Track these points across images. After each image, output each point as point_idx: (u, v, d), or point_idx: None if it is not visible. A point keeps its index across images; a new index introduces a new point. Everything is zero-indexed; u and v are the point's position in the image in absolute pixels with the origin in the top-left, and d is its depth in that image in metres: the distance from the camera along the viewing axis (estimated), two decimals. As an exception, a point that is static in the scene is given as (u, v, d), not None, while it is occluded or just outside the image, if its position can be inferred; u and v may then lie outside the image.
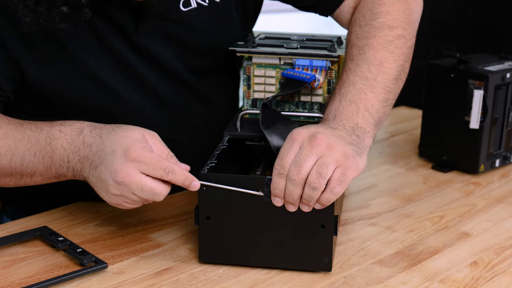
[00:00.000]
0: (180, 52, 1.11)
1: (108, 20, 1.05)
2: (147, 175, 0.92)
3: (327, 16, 1.21)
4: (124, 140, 0.94)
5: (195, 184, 0.94)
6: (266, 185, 0.94)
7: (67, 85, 1.06)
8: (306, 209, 0.94)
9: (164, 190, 0.94)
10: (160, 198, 0.94)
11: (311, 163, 0.92)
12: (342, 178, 0.92)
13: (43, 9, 0.91)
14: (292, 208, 0.94)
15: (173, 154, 0.96)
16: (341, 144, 0.94)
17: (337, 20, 1.21)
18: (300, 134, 0.94)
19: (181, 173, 0.93)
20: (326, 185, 0.91)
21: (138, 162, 0.92)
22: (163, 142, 0.97)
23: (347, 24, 1.18)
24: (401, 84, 1.09)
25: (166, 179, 0.93)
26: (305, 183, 0.92)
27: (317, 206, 0.93)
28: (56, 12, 0.91)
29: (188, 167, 0.96)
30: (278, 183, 0.93)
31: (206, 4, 1.10)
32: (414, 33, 1.14)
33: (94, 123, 0.99)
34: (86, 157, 0.96)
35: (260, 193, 0.94)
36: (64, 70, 1.05)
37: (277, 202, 0.94)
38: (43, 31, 0.95)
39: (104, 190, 0.95)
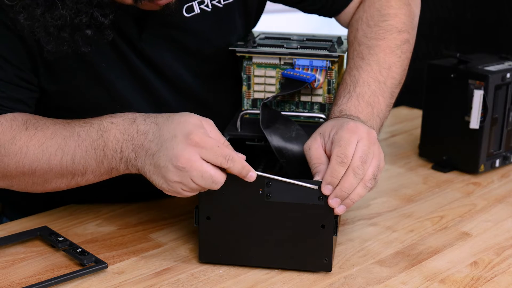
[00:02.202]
0: (183, 57, 1.11)
1: (117, 28, 1.04)
2: (207, 162, 0.91)
3: (331, 17, 1.22)
4: (185, 125, 0.92)
5: (251, 174, 0.93)
6: (266, 185, 0.94)
7: (77, 88, 1.05)
8: (342, 210, 0.94)
9: (222, 178, 0.92)
10: (218, 186, 0.92)
11: (373, 161, 0.95)
12: (376, 174, 0.96)
13: (67, 35, 0.89)
14: (335, 204, 0.94)
15: (229, 143, 0.95)
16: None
17: (338, 20, 1.22)
18: (358, 127, 0.96)
19: (240, 162, 0.92)
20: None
21: (200, 147, 0.90)
22: (219, 130, 0.96)
23: (348, 23, 1.19)
24: (398, 90, 1.13)
25: (225, 166, 0.91)
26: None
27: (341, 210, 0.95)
28: (80, 36, 0.90)
29: (244, 157, 0.94)
30: (338, 172, 0.93)
31: (209, 10, 1.10)
32: (415, 37, 1.17)
33: (145, 113, 0.97)
34: (141, 145, 0.94)
35: (315, 187, 0.93)
36: (74, 73, 1.04)
37: (328, 190, 0.93)
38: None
39: (163, 177, 0.92)
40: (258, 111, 1.08)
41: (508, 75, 1.30)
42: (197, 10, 1.09)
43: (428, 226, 1.13)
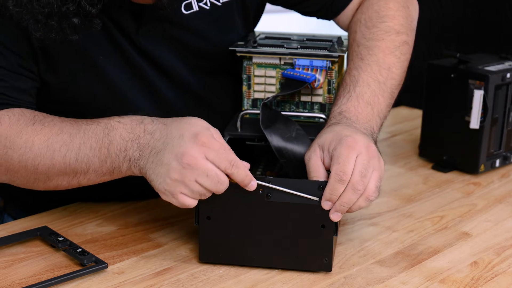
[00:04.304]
0: (181, 54, 1.11)
1: (114, 21, 1.05)
2: (214, 163, 0.91)
3: (330, 19, 1.22)
4: (193, 126, 0.92)
5: (253, 184, 0.93)
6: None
7: (74, 80, 1.06)
8: (336, 217, 0.95)
9: (227, 181, 0.92)
10: (223, 187, 0.91)
11: (373, 174, 0.95)
12: (379, 186, 0.97)
13: (54, 22, 0.90)
14: (337, 218, 0.94)
15: (234, 152, 0.94)
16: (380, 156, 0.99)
17: (337, 22, 1.22)
18: (357, 142, 0.95)
19: (244, 169, 0.92)
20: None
21: (207, 147, 0.90)
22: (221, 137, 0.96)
23: (347, 26, 1.19)
24: (398, 91, 1.13)
25: (229, 172, 0.91)
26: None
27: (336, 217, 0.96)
28: (67, 24, 0.91)
29: (248, 165, 0.94)
30: (337, 189, 0.93)
31: (207, 8, 1.10)
32: (413, 39, 1.18)
33: (154, 117, 0.97)
34: (147, 144, 0.94)
35: (316, 199, 0.94)
36: (72, 65, 1.05)
37: (327, 205, 0.94)
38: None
39: (163, 176, 0.91)
40: (258, 111, 1.08)
41: (508, 75, 1.30)
42: (195, 7, 1.09)
43: (428, 226, 1.13)
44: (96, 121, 0.98)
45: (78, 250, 0.99)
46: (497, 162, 1.35)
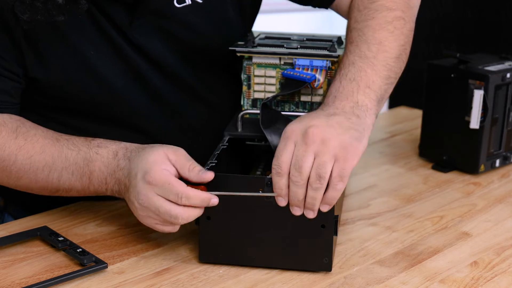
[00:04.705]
0: (175, 48, 1.11)
1: (106, 15, 1.05)
2: (165, 198, 0.93)
3: (326, 8, 1.20)
4: (145, 164, 0.95)
5: (213, 201, 0.94)
6: (266, 185, 0.94)
7: (66, 76, 1.06)
8: (311, 215, 0.93)
9: (182, 212, 0.93)
10: (179, 220, 0.94)
11: (310, 163, 0.92)
12: (342, 173, 0.91)
13: (40, 3, 0.91)
14: (298, 212, 0.94)
15: (196, 165, 0.95)
16: (337, 133, 0.93)
17: (336, 10, 1.19)
18: (293, 131, 0.94)
19: (197, 197, 0.93)
20: (328, 183, 0.91)
21: (153, 185, 0.93)
22: (187, 156, 0.97)
23: (346, 14, 1.16)
24: (402, 65, 1.08)
25: (180, 203, 0.93)
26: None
27: (324, 208, 0.93)
28: (52, 5, 0.91)
29: (211, 176, 0.94)
30: (277, 182, 0.93)
31: (200, 1, 1.10)
32: (413, 17, 1.13)
33: (129, 144, 1.01)
34: (120, 179, 0.98)
35: (274, 194, 0.93)
36: (63, 61, 1.05)
37: (281, 201, 0.94)
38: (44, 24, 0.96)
39: (135, 212, 0.97)
40: (258, 111, 1.08)
41: (508, 75, 1.30)
42: (188, 1, 1.09)
43: (428, 226, 1.13)
44: (77, 146, 1.01)
45: (78, 250, 0.99)
46: (497, 162, 1.35)
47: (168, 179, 0.93)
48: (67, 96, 1.08)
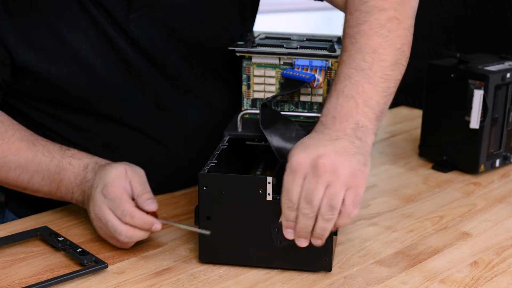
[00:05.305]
0: (172, 42, 1.10)
1: (100, 6, 1.04)
2: (114, 213, 0.98)
3: (322, 0, 1.17)
4: (107, 178, 0.99)
5: (156, 227, 0.99)
6: (273, 228, 0.94)
7: (56, 70, 1.06)
8: (319, 243, 0.92)
9: (126, 230, 0.98)
10: (122, 237, 0.98)
11: (321, 195, 0.89)
12: (356, 200, 0.90)
13: None
14: (304, 243, 0.92)
15: (148, 192, 1.00)
16: (346, 161, 0.90)
17: (331, 2, 1.14)
18: (300, 163, 0.90)
19: (140, 219, 0.98)
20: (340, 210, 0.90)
21: (108, 199, 0.98)
22: (145, 179, 1.02)
23: (343, 7, 1.10)
24: (402, 70, 1.02)
25: (124, 221, 0.98)
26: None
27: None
28: None
29: (154, 208, 0.99)
30: (289, 216, 0.91)
31: None
32: (409, 13, 1.06)
33: (100, 159, 1.05)
34: (85, 191, 1.03)
35: (207, 232, 0.96)
36: (54, 54, 1.05)
37: (289, 234, 0.92)
38: (35, 14, 0.95)
39: (92, 222, 1.03)
40: (257, 111, 1.08)
41: (508, 75, 1.30)
42: None
43: (428, 226, 1.13)
44: (51, 153, 1.05)
45: (78, 250, 0.99)
46: (497, 162, 1.35)
47: (120, 195, 0.98)
48: (59, 92, 1.08)
